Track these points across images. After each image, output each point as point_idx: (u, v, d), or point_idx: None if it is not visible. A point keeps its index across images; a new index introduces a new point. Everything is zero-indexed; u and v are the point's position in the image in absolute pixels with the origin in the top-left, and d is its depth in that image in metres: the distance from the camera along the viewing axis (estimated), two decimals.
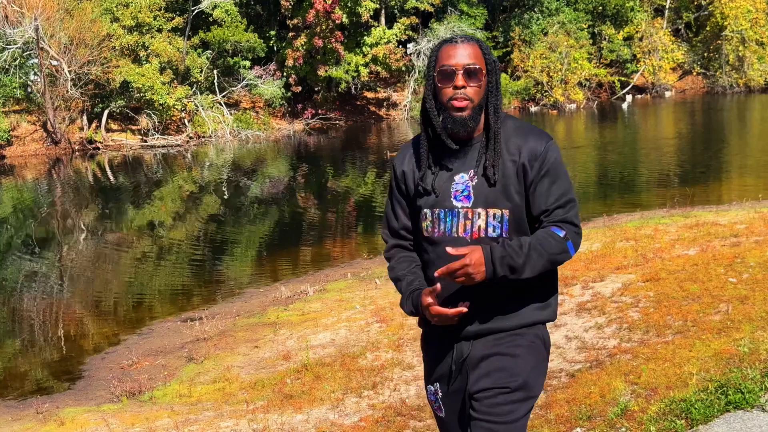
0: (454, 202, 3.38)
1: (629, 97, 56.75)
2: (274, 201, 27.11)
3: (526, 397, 3.37)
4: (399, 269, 3.58)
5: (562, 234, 3.29)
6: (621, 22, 58.43)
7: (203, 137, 45.28)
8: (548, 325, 3.55)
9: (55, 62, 41.25)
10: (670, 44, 58.86)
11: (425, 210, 3.45)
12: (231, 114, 46.76)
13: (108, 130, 44.05)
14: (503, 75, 55.12)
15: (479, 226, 3.33)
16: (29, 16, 39.14)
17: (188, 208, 26.83)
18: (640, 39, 58.26)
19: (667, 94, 58.94)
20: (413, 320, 9.57)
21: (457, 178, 3.40)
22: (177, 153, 42.09)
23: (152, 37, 43.79)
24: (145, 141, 44.13)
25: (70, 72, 40.46)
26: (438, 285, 3.31)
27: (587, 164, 29.72)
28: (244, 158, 39.89)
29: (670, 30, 60.69)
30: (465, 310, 3.29)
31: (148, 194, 29.74)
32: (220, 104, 46.74)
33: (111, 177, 35.39)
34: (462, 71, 3.31)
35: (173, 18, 45.25)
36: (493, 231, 3.33)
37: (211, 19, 47.25)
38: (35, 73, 43.43)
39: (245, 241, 20.60)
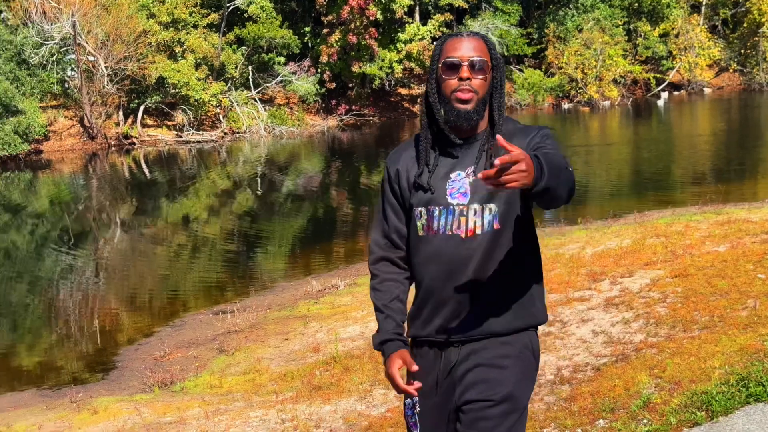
0: (450, 200, 3.30)
1: (665, 95, 56.40)
2: (307, 196, 27.27)
3: (512, 409, 3.27)
4: (381, 297, 3.46)
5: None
6: (657, 18, 58.08)
7: (238, 133, 45.54)
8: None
9: (91, 58, 41.65)
10: (707, 41, 58.44)
11: (419, 208, 3.36)
12: (265, 110, 46.99)
13: (144, 125, 44.41)
14: (537, 72, 55.09)
15: (474, 223, 3.26)
16: (67, 12, 39.53)
17: (222, 203, 27.03)
18: (676, 36, 57.88)
19: (706, 91, 58.52)
20: None
21: (453, 175, 3.32)
22: (212, 148, 42.36)
23: (188, 33, 44.10)
24: (180, 136, 44.47)
25: (106, 68, 40.84)
26: (414, 366, 3.27)
27: (620, 161, 29.62)
28: (277, 154, 40.10)
29: (706, 27, 60.24)
30: (414, 390, 3.27)
31: (182, 189, 29.98)
32: (255, 100, 46.98)
33: (146, 172, 35.71)
34: (467, 63, 3.25)
35: (209, 14, 45.58)
36: (488, 226, 3.25)
37: (246, 15, 47.51)
38: (72, 69, 43.87)
39: (278, 236, 20.75)
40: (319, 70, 49.02)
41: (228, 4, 46.92)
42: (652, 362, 6.74)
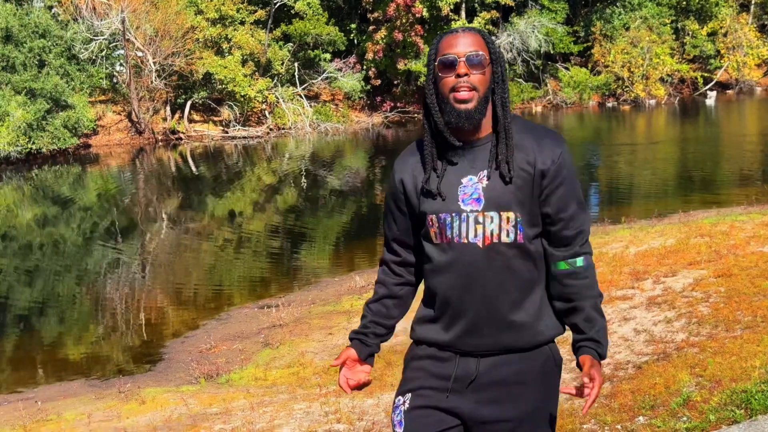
0: (462, 206, 3.14)
1: (713, 94, 55.87)
2: (352, 193, 27.41)
3: (539, 425, 3.21)
4: (369, 310, 3.41)
5: (586, 264, 3.18)
6: (705, 17, 57.53)
7: (283, 129, 45.80)
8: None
9: (140, 53, 42.10)
10: (756, 40, 57.76)
11: (431, 216, 3.21)
12: (311, 106, 47.21)
13: (190, 120, 44.82)
14: (582, 70, 54.79)
15: (492, 231, 3.11)
16: (116, 8, 40.01)
17: (267, 198, 27.24)
18: (725, 35, 57.28)
19: (756, 90, 57.90)
20: None
21: (464, 180, 3.17)
22: (257, 144, 42.66)
23: (235, 29, 44.41)
24: (227, 132, 44.81)
25: (154, 63, 41.25)
26: (367, 372, 3.33)
27: (666, 160, 29.43)
28: (322, 150, 40.29)
29: (755, 26, 59.55)
30: (362, 383, 3.33)
31: (228, 184, 30.24)
32: (300, 96, 47.21)
33: (192, 167, 36.05)
34: (464, 59, 3.10)
35: (256, 11, 45.88)
36: (507, 236, 3.11)
37: (293, 12, 47.71)
38: (120, 64, 44.39)
39: (321, 232, 20.91)
40: (364, 67, 49.18)
41: (275, 1, 47.17)
42: (693, 361, 6.77)
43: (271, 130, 45.67)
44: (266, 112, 46.07)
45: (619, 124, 45.64)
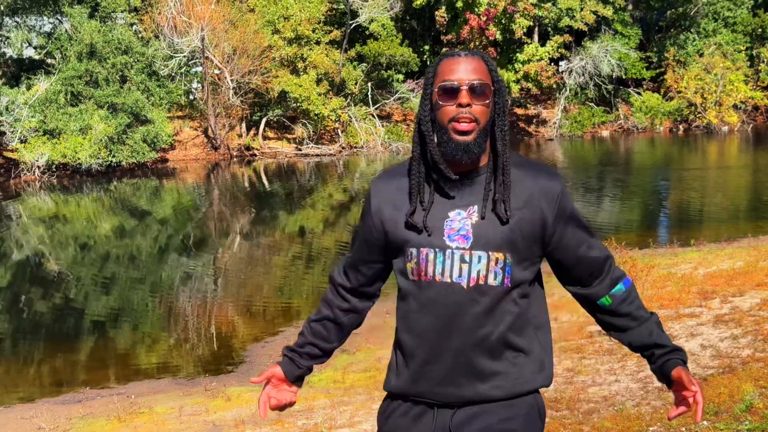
0: (448, 242, 2.92)
1: None
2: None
3: None
4: (309, 329, 3.30)
5: (627, 287, 3.08)
6: None
7: (355, 147, 46.39)
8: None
9: (218, 71, 43.05)
10: None
11: (411, 249, 2.97)
12: (383, 126, 47.77)
13: (265, 137, 45.66)
14: (655, 95, 54.67)
15: (478, 272, 2.89)
16: (196, 26, 40.98)
17: (338, 215, 27.75)
18: None
19: None
20: (555, 323, 10.09)
21: (452, 214, 2.94)
22: (329, 162, 43.30)
23: (310, 49, 45.18)
24: (300, 149, 45.56)
25: (232, 81, 42.14)
26: (295, 392, 3.27)
27: (737, 185, 29.42)
28: None
29: None
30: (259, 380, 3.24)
31: (299, 201, 30.83)
32: (373, 116, 47.80)
33: (266, 183, 36.76)
34: (467, 87, 2.88)
35: (331, 31, 46.62)
36: (494, 278, 2.89)
37: (367, 32, 48.47)
38: (198, 81, 45.44)
39: None
40: None
41: (350, 22, 47.93)
42: (758, 374, 7.06)
43: (343, 148, 46.32)
44: (339, 131, 46.74)
45: (690, 149, 45.49)
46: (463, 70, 2.89)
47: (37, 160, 35.78)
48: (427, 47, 52.47)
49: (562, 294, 10.49)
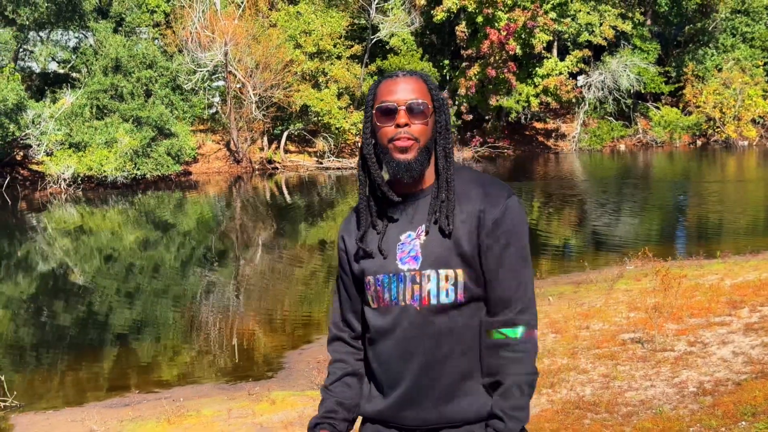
0: (400, 265, 2.90)
1: None
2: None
3: None
4: (327, 379, 3.16)
5: (521, 335, 2.87)
6: None
7: None
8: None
9: (240, 85, 43.50)
10: None
11: (368, 277, 2.98)
12: None
13: (286, 151, 46.09)
14: (673, 110, 54.89)
15: (429, 291, 2.86)
16: (220, 41, 41.45)
17: None
18: None
19: None
20: (587, 332, 10.37)
21: (403, 237, 2.94)
22: (350, 175, 43.58)
23: (332, 63, 45.65)
24: (321, 163, 45.96)
25: (254, 95, 42.57)
26: None
27: (757, 198, 29.58)
28: None
29: None
30: None
31: (320, 213, 31.13)
32: None
33: (287, 196, 37.08)
34: (404, 107, 2.88)
35: (352, 46, 47.10)
36: (446, 297, 2.85)
37: (388, 47, 48.93)
38: (219, 95, 45.92)
39: None
40: (456, 102, 50.03)
41: (371, 37, 48.36)
42: None
43: None
44: (359, 145, 47.00)
45: (709, 163, 45.68)
46: (401, 90, 2.89)
47: (62, 173, 36.22)
48: (447, 62, 52.85)
49: (592, 303, 10.84)
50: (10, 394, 10.31)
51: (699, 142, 54.27)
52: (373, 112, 2.93)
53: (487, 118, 51.81)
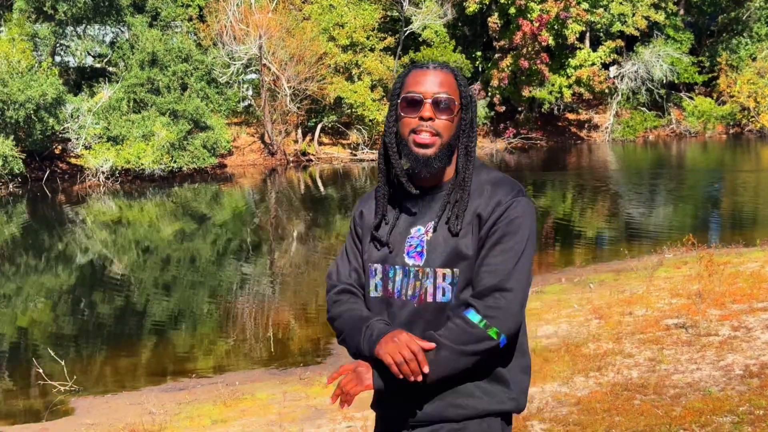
0: (406, 259, 2.92)
1: None
2: None
3: None
4: (355, 311, 3.03)
5: (476, 319, 2.80)
6: None
7: None
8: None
9: (274, 78, 43.78)
10: None
11: (375, 265, 3.00)
12: None
13: (320, 143, 46.33)
14: (707, 99, 54.68)
15: (426, 289, 2.88)
16: (254, 34, 41.72)
17: None
18: None
19: None
20: (630, 317, 10.55)
21: (413, 230, 2.95)
22: None
23: (365, 56, 45.79)
24: (355, 155, 46.18)
25: (288, 87, 42.84)
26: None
27: None
28: None
29: None
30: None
31: (353, 205, 31.25)
32: None
33: (321, 188, 37.37)
34: (431, 100, 2.87)
35: (385, 38, 47.22)
36: (443, 295, 2.87)
37: (420, 39, 49.03)
38: (254, 88, 46.25)
39: None
40: (489, 94, 50.09)
41: (404, 29, 48.51)
42: None
43: None
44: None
45: (743, 152, 45.56)
46: (430, 83, 2.89)
47: (101, 166, 36.62)
48: (479, 53, 52.87)
49: (634, 290, 11.04)
50: (69, 378, 10.64)
51: (733, 132, 54.05)
52: (398, 101, 2.93)
53: (519, 109, 51.82)
